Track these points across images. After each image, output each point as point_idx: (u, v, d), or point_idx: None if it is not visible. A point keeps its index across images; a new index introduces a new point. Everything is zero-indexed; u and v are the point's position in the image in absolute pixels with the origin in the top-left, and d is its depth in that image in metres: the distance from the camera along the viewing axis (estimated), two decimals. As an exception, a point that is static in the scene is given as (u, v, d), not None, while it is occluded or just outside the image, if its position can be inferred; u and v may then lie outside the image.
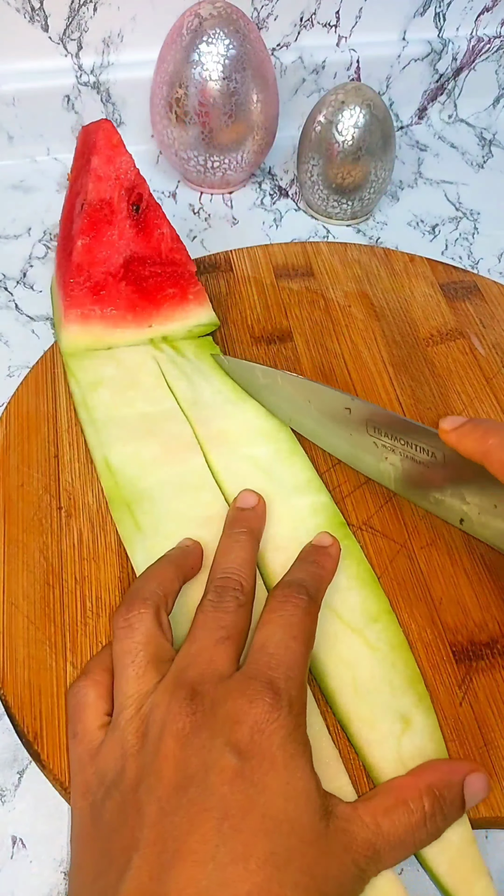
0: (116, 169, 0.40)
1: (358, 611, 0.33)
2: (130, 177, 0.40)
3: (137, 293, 0.42)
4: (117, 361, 0.42)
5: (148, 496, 0.36)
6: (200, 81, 0.49)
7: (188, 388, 0.41)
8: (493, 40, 0.63)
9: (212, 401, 0.40)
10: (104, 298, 0.41)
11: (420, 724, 0.30)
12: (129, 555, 0.34)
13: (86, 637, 0.32)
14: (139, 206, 0.41)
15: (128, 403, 0.40)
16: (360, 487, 0.38)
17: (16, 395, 0.41)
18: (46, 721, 0.30)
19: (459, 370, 0.44)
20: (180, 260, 0.43)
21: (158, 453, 0.38)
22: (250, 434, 0.39)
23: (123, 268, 0.42)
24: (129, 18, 0.54)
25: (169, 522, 0.35)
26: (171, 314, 0.43)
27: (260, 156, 0.55)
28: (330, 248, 0.51)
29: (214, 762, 0.24)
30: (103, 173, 0.40)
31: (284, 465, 0.38)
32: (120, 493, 0.36)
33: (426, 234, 0.56)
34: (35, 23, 0.52)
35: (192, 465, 0.37)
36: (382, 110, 0.50)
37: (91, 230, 0.40)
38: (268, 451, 0.38)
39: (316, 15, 0.58)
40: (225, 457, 0.38)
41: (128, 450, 0.38)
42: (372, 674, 0.31)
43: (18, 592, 0.33)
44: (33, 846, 0.29)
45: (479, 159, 0.63)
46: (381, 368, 0.44)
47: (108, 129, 0.40)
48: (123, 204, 0.40)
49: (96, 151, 0.40)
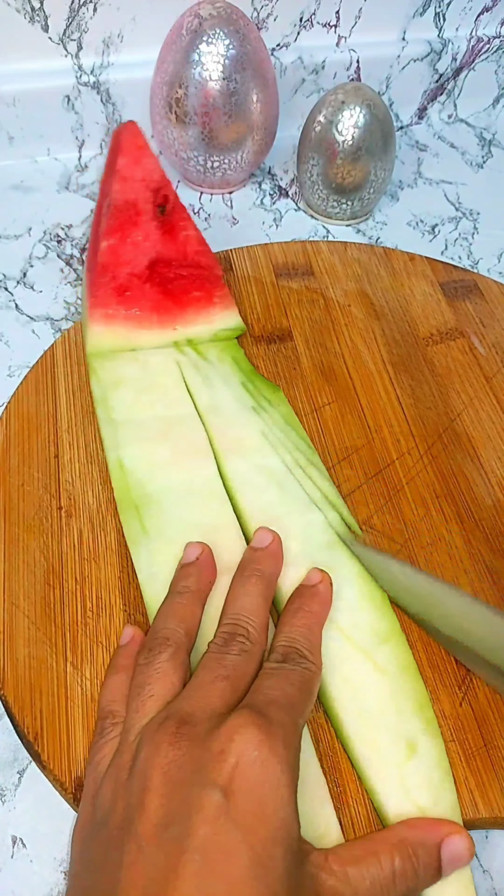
0: (142, 170, 0.40)
1: (367, 631, 0.32)
2: (156, 178, 0.40)
3: (162, 295, 0.42)
4: (140, 363, 0.41)
5: (156, 500, 0.36)
6: (200, 81, 0.49)
7: (208, 394, 0.40)
8: (493, 40, 0.63)
9: (231, 408, 0.40)
10: (129, 299, 0.41)
11: (426, 750, 0.29)
12: (132, 557, 0.34)
13: (86, 637, 0.32)
14: (165, 208, 0.41)
15: (146, 405, 0.39)
16: (360, 487, 0.38)
17: (16, 395, 0.41)
18: (46, 721, 0.30)
19: (459, 370, 0.44)
20: (206, 263, 0.43)
21: (170, 458, 0.37)
22: (266, 443, 0.39)
23: (149, 269, 0.41)
24: (129, 18, 0.54)
25: (174, 528, 0.35)
26: (196, 317, 0.43)
27: (260, 156, 0.55)
28: (330, 248, 0.51)
29: (198, 799, 0.22)
30: (129, 175, 0.40)
31: (301, 476, 0.37)
32: (130, 495, 0.36)
33: (426, 234, 0.56)
34: (35, 23, 0.52)
35: (203, 472, 0.37)
36: (382, 110, 0.50)
37: (116, 231, 0.40)
38: (284, 462, 0.38)
39: (316, 15, 0.58)
40: (240, 466, 0.37)
41: (141, 452, 0.37)
42: (378, 697, 0.30)
43: (19, 592, 0.33)
44: (33, 846, 0.29)
45: (478, 159, 0.63)
46: (381, 368, 0.44)
47: (133, 130, 0.40)
48: (149, 205, 0.40)
49: (122, 153, 0.40)
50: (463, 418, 0.41)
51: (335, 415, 0.41)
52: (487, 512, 0.37)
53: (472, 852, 0.26)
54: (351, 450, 0.39)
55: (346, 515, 0.36)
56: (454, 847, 0.25)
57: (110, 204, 0.40)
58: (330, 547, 0.35)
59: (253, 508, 0.36)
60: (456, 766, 0.29)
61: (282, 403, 0.41)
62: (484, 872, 0.29)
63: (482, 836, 0.30)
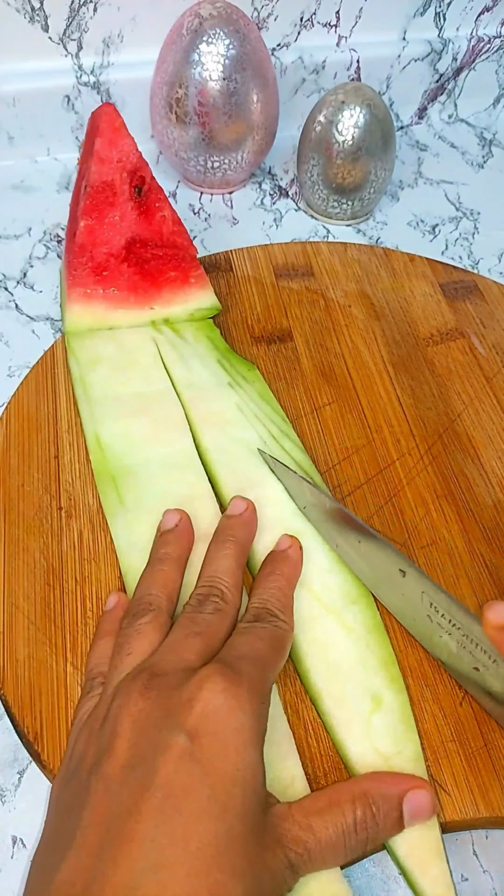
0: (119, 152, 0.40)
1: (337, 593, 0.33)
2: (133, 160, 0.41)
3: (139, 275, 0.43)
4: (117, 342, 0.42)
5: (133, 472, 0.37)
6: (200, 81, 0.49)
7: (184, 370, 0.41)
8: (493, 40, 0.63)
9: (207, 383, 0.41)
10: (106, 279, 0.42)
11: (391, 703, 0.30)
12: (109, 527, 0.35)
13: (86, 637, 0.32)
14: (141, 189, 0.42)
15: (123, 382, 0.41)
16: (360, 487, 0.38)
17: (16, 395, 0.41)
18: (46, 721, 0.30)
19: (459, 370, 0.44)
20: (182, 243, 0.44)
21: (148, 432, 0.38)
22: (242, 417, 0.40)
23: (125, 249, 0.42)
24: (129, 18, 0.54)
25: (151, 498, 0.36)
26: (173, 297, 0.44)
27: (260, 156, 0.55)
28: (330, 248, 0.51)
29: (164, 742, 0.23)
30: (105, 156, 0.40)
31: (274, 447, 0.38)
32: (107, 468, 0.37)
33: (426, 233, 0.56)
34: (35, 23, 0.52)
35: (180, 445, 0.38)
36: (382, 110, 0.50)
37: (94, 212, 0.41)
38: (259, 434, 0.39)
39: (316, 15, 0.58)
40: (216, 438, 0.39)
41: (119, 427, 0.38)
42: (346, 655, 0.32)
43: (19, 593, 0.33)
44: (33, 846, 0.29)
45: (479, 159, 0.63)
46: (381, 368, 0.44)
47: (110, 112, 0.40)
48: (126, 186, 0.41)
49: (99, 134, 0.40)
50: (463, 418, 0.41)
51: (335, 415, 0.41)
52: (487, 512, 0.37)
53: (434, 806, 0.27)
54: (351, 450, 0.39)
55: (319, 482, 0.37)
56: (416, 800, 0.26)
57: (87, 185, 0.41)
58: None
59: (229, 478, 0.37)
60: (456, 766, 0.29)
61: (257, 380, 0.42)
62: (484, 872, 0.29)
63: (482, 835, 0.30)
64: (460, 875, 0.29)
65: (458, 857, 0.29)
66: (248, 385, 0.41)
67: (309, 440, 0.40)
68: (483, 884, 0.29)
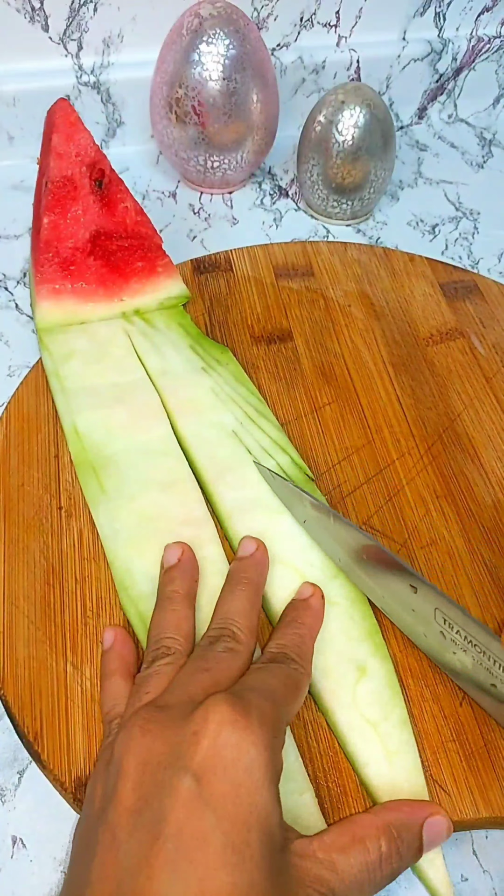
0: (76, 146, 0.41)
1: (319, 567, 0.34)
2: (91, 153, 0.41)
3: (106, 267, 0.43)
4: (89, 335, 0.43)
5: (113, 461, 0.37)
6: (200, 81, 0.49)
7: (158, 359, 0.42)
8: (493, 40, 0.63)
9: (181, 370, 0.41)
10: (74, 273, 0.42)
11: (376, 671, 0.31)
12: (92, 515, 0.35)
13: (86, 637, 0.32)
14: (102, 182, 0.42)
15: (98, 374, 0.41)
16: (360, 487, 0.38)
17: (16, 395, 0.41)
18: (46, 721, 0.30)
19: (459, 370, 0.44)
20: (146, 233, 0.44)
21: (126, 420, 0.39)
22: (217, 400, 0.40)
23: (91, 243, 0.42)
24: (129, 18, 0.54)
25: (132, 485, 0.36)
26: (141, 287, 0.44)
27: (260, 156, 0.55)
28: (330, 248, 0.51)
29: (170, 783, 0.22)
30: (63, 151, 0.41)
31: (252, 429, 0.39)
32: (87, 458, 0.37)
33: (426, 233, 0.56)
34: (35, 23, 0.52)
35: (158, 432, 0.38)
36: (382, 110, 0.50)
37: (56, 207, 0.41)
38: (235, 416, 0.39)
39: (316, 15, 0.58)
40: (193, 424, 0.39)
41: (96, 416, 0.39)
42: (329, 626, 0.32)
43: (19, 592, 0.33)
44: (33, 846, 0.29)
45: (479, 159, 0.63)
46: (381, 368, 0.44)
47: (65, 107, 0.41)
48: (86, 180, 0.41)
49: (55, 130, 0.40)
50: (463, 418, 0.41)
51: (335, 415, 0.41)
52: (487, 512, 0.37)
53: (451, 830, 0.27)
54: (351, 450, 0.39)
55: (297, 458, 0.38)
56: (435, 827, 0.26)
57: (48, 180, 0.41)
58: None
59: (208, 462, 0.37)
60: (456, 766, 0.29)
61: (230, 362, 0.42)
62: (484, 872, 0.29)
63: (482, 835, 0.30)
64: (460, 875, 0.29)
65: (458, 857, 0.29)
66: (222, 368, 0.42)
67: (309, 440, 0.40)
68: (483, 884, 0.29)
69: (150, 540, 0.34)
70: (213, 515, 0.36)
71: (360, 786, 0.29)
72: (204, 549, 0.34)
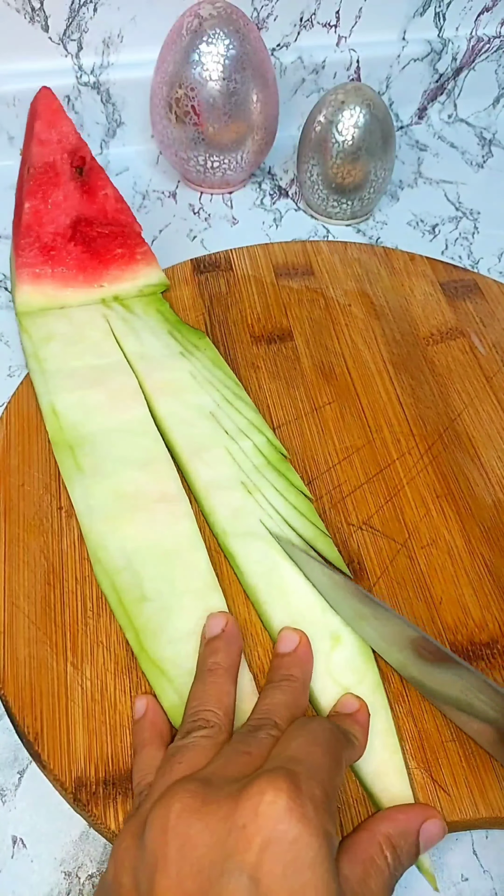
0: (58, 133, 0.42)
1: (293, 537, 0.35)
2: (72, 140, 0.42)
3: (86, 253, 0.44)
4: (69, 319, 0.43)
5: (90, 440, 0.38)
6: (200, 81, 0.49)
7: (136, 343, 0.42)
8: (493, 40, 0.63)
9: (159, 353, 0.42)
10: (54, 258, 0.43)
11: (349, 640, 0.32)
12: (69, 492, 0.36)
13: (86, 637, 0.32)
14: (82, 169, 0.43)
15: (77, 356, 0.41)
16: (360, 487, 0.38)
17: (16, 395, 0.41)
18: (47, 721, 0.30)
19: (459, 369, 0.44)
20: (126, 220, 0.44)
21: (104, 401, 0.39)
22: (195, 383, 0.41)
23: (71, 229, 0.43)
24: (129, 19, 0.54)
25: (109, 463, 0.37)
26: (121, 274, 0.45)
27: (260, 156, 0.55)
28: (330, 247, 0.51)
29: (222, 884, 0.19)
30: (46, 138, 0.41)
31: (229, 411, 0.40)
32: (63, 437, 0.38)
33: (426, 233, 0.56)
34: (35, 23, 0.52)
35: (135, 413, 0.39)
36: (382, 110, 0.50)
37: (38, 192, 0.42)
38: (213, 398, 0.40)
39: (316, 15, 0.58)
40: (170, 404, 0.40)
41: (74, 397, 0.39)
42: (306, 599, 0.33)
43: (19, 592, 0.33)
44: (34, 846, 0.29)
45: (479, 159, 0.63)
46: (381, 367, 0.44)
47: (47, 96, 0.41)
48: (67, 167, 0.42)
49: (38, 118, 0.41)
50: (463, 418, 0.41)
51: (335, 414, 0.41)
52: (488, 512, 0.37)
53: (445, 831, 0.27)
54: (351, 449, 0.39)
55: (272, 439, 0.39)
56: (431, 830, 0.26)
57: (31, 167, 0.41)
58: (259, 470, 0.37)
59: (184, 442, 0.38)
60: (456, 766, 0.29)
61: (208, 348, 0.43)
62: (484, 872, 0.29)
63: (482, 835, 0.30)
64: (460, 875, 0.29)
65: (458, 857, 0.29)
66: (200, 353, 0.43)
67: (309, 440, 0.40)
68: (483, 884, 0.29)
69: (125, 515, 0.35)
70: (188, 492, 0.37)
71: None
72: (179, 525, 0.35)
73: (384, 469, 0.39)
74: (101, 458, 0.37)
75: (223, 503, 0.36)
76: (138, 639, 0.31)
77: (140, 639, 0.31)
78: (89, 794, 0.28)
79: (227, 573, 0.34)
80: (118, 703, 0.30)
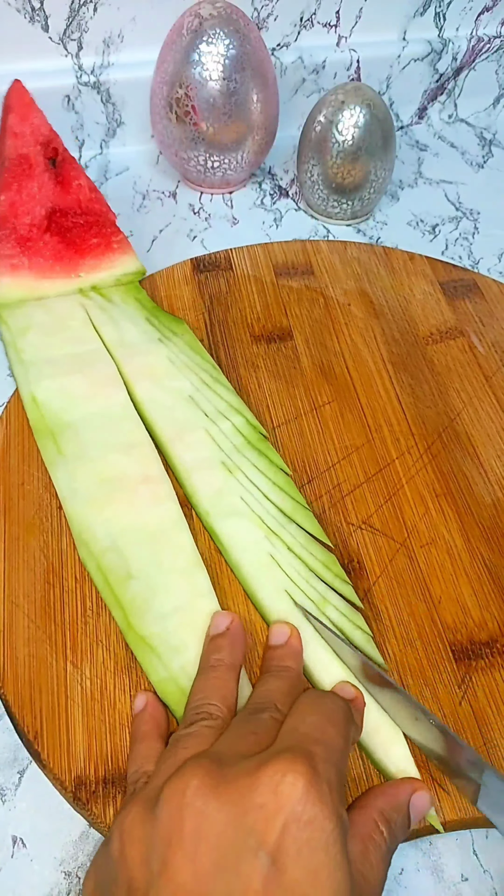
0: (31, 125, 0.42)
1: (274, 512, 0.36)
2: (45, 132, 0.43)
3: (63, 244, 0.44)
4: (47, 309, 0.44)
5: (72, 426, 0.38)
6: (200, 81, 0.49)
7: (115, 331, 0.43)
8: (493, 40, 0.63)
9: (137, 340, 0.43)
10: (31, 249, 0.44)
11: (336, 601, 0.33)
12: (51, 478, 0.36)
13: (86, 636, 0.32)
14: (55, 160, 0.43)
15: (56, 345, 0.42)
16: (359, 487, 0.38)
17: (16, 395, 0.41)
18: (46, 720, 0.30)
19: (459, 368, 0.44)
20: (100, 209, 0.45)
21: (84, 388, 0.40)
22: (174, 368, 0.41)
23: (47, 219, 0.44)
24: (129, 18, 0.54)
25: (91, 448, 0.37)
26: (98, 263, 0.45)
27: (260, 156, 0.55)
28: (330, 247, 0.51)
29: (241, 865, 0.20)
30: (19, 130, 0.42)
31: (208, 394, 0.40)
32: (45, 424, 0.38)
33: (426, 233, 0.56)
34: (35, 23, 0.52)
35: (116, 398, 0.40)
36: (382, 110, 0.50)
37: (13, 184, 0.43)
38: (191, 382, 0.41)
39: (316, 15, 0.58)
40: (150, 390, 0.40)
41: (55, 385, 0.40)
42: (290, 570, 0.34)
43: (19, 591, 0.33)
44: (34, 846, 0.29)
45: (479, 159, 0.63)
46: (381, 367, 0.44)
47: (19, 89, 0.42)
48: (41, 158, 0.43)
49: (10, 111, 0.42)
50: (462, 417, 0.41)
51: (335, 414, 0.41)
52: (487, 511, 0.37)
53: (433, 801, 0.28)
54: (351, 449, 0.39)
55: (251, 419, 0.39)
56: (420, 801, 0.27)
57: (5, 159, 0.42)
58: (239, 450, 0.38)
59: (165, 424, 0.39)
60: (456, 765, 0.29)
61: (186, 333, 0.43)
62: (484, 872, 0.29)
63: (482, 835, 0.30)
64: (460, 875, 0.29)
65: (458, 857, 0.29)
66: (178, 338, 0.43)
67: (308, 439, 0.40)
68: (483, 884, 0.29)
69: (109, 498, 0.35)
70: (170, 475, 0.37)
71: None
72: (162, 506, 0.36)
73: (383, 468, 0.39)
74: (84, 444, 0.37)
75: (205, 483, 0.37)
76: (125, 616, 0.32)
77: (127, 615, 0.32)
78: (89, 793, 0.28)
79: (212, 552, 0.35)
80: (118, 701, 0.30)
